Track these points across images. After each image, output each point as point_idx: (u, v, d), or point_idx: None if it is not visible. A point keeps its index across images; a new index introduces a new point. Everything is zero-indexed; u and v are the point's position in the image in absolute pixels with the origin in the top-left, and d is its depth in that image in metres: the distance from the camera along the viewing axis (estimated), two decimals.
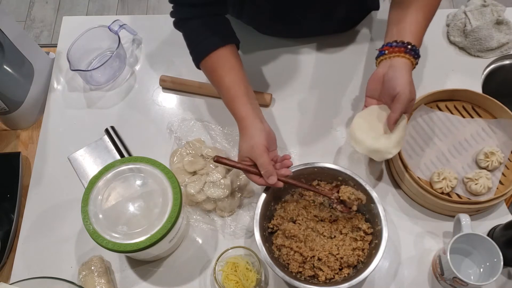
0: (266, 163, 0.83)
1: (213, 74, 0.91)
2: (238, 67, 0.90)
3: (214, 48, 0.90)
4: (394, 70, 0.84)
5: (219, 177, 0.93)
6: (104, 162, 0.99)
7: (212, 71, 0.91)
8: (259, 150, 0.83)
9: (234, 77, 0.89)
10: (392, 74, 0.84)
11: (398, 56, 0.85)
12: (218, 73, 0.90)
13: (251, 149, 0.84)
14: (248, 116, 0.86)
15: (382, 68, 0.86)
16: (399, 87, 0.82)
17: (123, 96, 1.10)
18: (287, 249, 0.85)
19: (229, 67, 0.90)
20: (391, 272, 0.89)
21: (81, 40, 1.09)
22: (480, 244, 0.83)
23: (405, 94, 0.82)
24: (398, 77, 0.83)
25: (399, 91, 0.82)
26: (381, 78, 0.86)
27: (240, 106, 0.87)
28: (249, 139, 0.84)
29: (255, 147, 0.83)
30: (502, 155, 0.93)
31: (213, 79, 0.93)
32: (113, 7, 2.49)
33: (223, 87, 0.90)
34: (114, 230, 0.79)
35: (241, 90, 0.88)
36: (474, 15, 1.09)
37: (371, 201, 0.86)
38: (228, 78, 0.89)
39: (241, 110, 0.87)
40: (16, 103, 1.05)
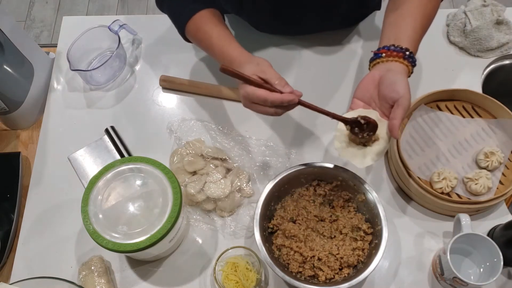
0: (276, 74, 0.79)
1: (198, 33, 0.92)
2: (222, 24, 0.92)
3: (195, 12, 0.91)
4: (394, 74, 0.81)
5: (219, 177, 0.93)
6: (104, 162, 0.99)
7: (196, 31, 0.92)
8: (266, 64, 0.82)
9: (220, 31, 0.90)
10: (392, 77, 0.80)
11: (397, 61, 0.82)
12: (203, 31, 0.91)
13: (257, 66, 0.81)
14: (243, 53, 0.86)
15: (378, 71, 0.83)
16: (402, 91, 0.78)
17: (123, 96, 1.10)
18: (287, 249, 0.85)
19: (213, 24, 0.91)
20: (391, 272, 0.89)
21: (81, 40, 1.09)
22: (480, 244, 0.83)
23: (407, 99, 0.78)
24: (400, 82, 0.79)
25: (402, 96, 0.78)
26: (376, 81, 0.82)
27: (233, 49, 0.87)
28: (252, 61, 0.83)
29: (261, 63, 0.81)
30: (502, 155, 0.93)
31: (199, 39, 0.93)
32: (113, 7, 2.49)
33: (212, 42, 0.89)
34: (114, 230, 0.79)
35: (231, 38, 0.89)
36: (474, 15, 1.09)
37: (371, 201, 0.86)
38: (214, 32, 0.90)
39: (235, 51, 0.86)
40: (16, 103, 1.05)
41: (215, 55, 0.91)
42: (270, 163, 0.99)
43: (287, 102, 0.78)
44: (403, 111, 0.77)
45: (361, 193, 0.88)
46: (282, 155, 1.00)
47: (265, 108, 0.80)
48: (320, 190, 0.91)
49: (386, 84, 0.80)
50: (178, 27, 0.96)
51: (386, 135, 0.81)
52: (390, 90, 0.79)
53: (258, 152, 1.00)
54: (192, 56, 1.14)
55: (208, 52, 0.93)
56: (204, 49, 0.95)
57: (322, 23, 1.09)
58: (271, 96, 0.77)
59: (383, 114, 0.82)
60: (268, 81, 0.79)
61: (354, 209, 0.90)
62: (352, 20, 1.14)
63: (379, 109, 0.83)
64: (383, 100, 0.81)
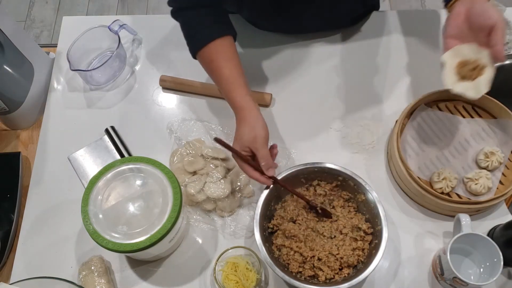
0: (267, 155, 0.84)
1: (211, 64, 0.92)
2: (236, 58, 0.91)
3: (211, 39, 0.90)
4: (481, 3, 0.81)
5: (219, 177, 0.93)
6: (104, 162, 0.99)
7: (209, 62, 0.92)
8: (262, 141, 0.84)
9: (232, 68, 0.90)
10: (481, 7, 0.80)
11: None
12: (216, 64, 0.90)
13: (253, 139, 0.84)
14: (249, 107, 0.87)
15: (463, 6, 0.83)
16: (495, 16, 0.78)
17: (123, 96, 1.10)
18: (287, 249, 0.85)
19: (227, 58, 0.90)
20: (391, 272, 0.89)
21: (81, 40, 1.09)
22: (480, 244, 0.83)
23: (502, 22, 0.78)
24: (489, 9, 0.79)
25: (497, 20, 0.78)
26: (463, 16, 0.82)
27: (240, 96, 0.88)
28: (251, 130, 0.85)
29: (258, 138, 0.84)
30: (502, 155, 0.93)
31: (210, 69, 0.93)
32: (113, 7, 2.49)
33: (222, 78, 0.90)
34: (114, 230, 0.79)
35: (240, 80, 0.89)
36: None
37: (371, 201, 0.86)
38: (226, 69, 0.90)
39: (242, 100, 0.88)
40: (16, 103, 1.05)
41: (221, 90, 0.92)
42: None
43: (262, 183, 0.86)
44: (502, 34, 0.79)
45: (361, 193, 0.88)
46: (282, 155, 1.00)
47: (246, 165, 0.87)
48: (320, 190, 0.91)
49: (477, 15, 0.81)
50: (191, 48, 0.94)
51: (490, 63, 0.82)
52: (484, 18, 0.80)
53: None
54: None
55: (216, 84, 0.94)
56: (212, 78, 0.95)
57: (323, 20, 1.09)
58: (252, 175, 0.86)
59: (480, 45, 0.82)
60: (257, 159, 0.85)
61: (354, 209, 0.90)
62: (352, 18, 1.14)
63: (474, 41, 0.83)
64: (478, 31, 0.82)
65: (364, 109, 1.05)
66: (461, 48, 0.83)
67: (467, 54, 0.83)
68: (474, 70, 0.82)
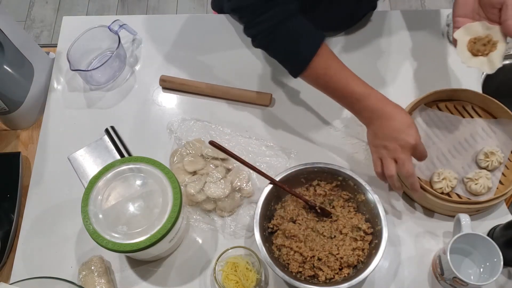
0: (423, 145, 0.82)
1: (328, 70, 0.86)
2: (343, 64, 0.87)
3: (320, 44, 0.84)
4: None
5: (219, 177, 0.93)
6: (104, 162, 0.99)
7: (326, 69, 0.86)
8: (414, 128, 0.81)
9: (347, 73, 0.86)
10: None
11: None
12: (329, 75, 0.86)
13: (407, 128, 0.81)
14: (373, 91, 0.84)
15: None
16: None
17: (123, 96, 1.10)
18: (287, 249, 0.85)
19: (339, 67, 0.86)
20: (391, 272, 0.89)
21: (81, 40, 1.09)
22: (480, 244, 0.83)
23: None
24: None
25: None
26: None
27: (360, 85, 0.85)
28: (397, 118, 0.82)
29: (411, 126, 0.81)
30: (502, 155, 0.93)
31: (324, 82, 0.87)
32: (113, 7, 2.49)
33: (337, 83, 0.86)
34: (114, 230, 0.79)
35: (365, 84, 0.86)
36: None
37: (371, 201, 0.86)
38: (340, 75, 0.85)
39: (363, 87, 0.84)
40: (16, 103, 1.05)
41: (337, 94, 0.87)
42: (270, 163, 0.99)
43: None
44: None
45: (361, 193, 0.88)
46: (282, 155, 1.00)
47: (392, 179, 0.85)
48: (320, 190, 0.91)
49: None
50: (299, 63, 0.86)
51: (502, 38, 0.82)
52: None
53: (258, 152, 1.01)
54: (192, 56, 1.14)
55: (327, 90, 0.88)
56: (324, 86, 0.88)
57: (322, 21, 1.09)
58: None
59: (491, 22, 0.82)
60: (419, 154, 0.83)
61: (354, 209, 0.90)
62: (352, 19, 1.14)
63: (485, 18, 0.83)
64: (489, 7, 0.81)
65: None
66: (472, 26, 0.84)
67: (479, 31, 0.83)
68: (486, 45, 0.83)
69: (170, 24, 1.20)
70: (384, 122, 0.83)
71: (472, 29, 0.84)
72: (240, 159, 0.88)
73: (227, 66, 1.12)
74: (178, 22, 1.20)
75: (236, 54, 1.13)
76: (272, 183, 0.87)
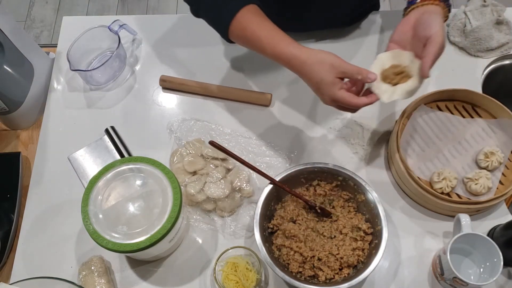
0: (354, 67, 0.80)
1: (245, 32, 0.86)
2: (268, 20, 0.87)
3: (238, 9, 0.85)
4: (429, 14, 0.81)
5: (219, 177, 0.93)
6: (104, 162, 0.99)
7: (243, 30, 0.86)
8: (339, 62, 0.80)
9: (268, 28, 0.85)
10: (426, 18, 0.81)
11: (432, 3, 0.83)
12: (250, 29, 0.85)
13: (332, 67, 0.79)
14: (301, 49, 0.81)
15: (414, 15, 0.83)
16: (434, 28, 0.79)
17: (123, 96, 1.10)
18: (287, 249, 0.85)
19: (260, 20, 0.86)
20: (391, 272, 0.89)
21: (81, 40, 1.09)
22: (480, 244, 0.83)
23: (440, 36, 0.78)
24: (433, 21, 0.80)
25: (434, 32, 0.78)
26: (412, 24, 0.83)
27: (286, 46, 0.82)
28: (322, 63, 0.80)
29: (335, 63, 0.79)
30: (502, 155, 0.93)
31: (246, 39, 0.87)
32: (113, 7, 2.49)
33: (261, 41, 0.85)
34: (114, 230, 0.79)
35: (280, 34, 0.84)
36: (474, 15, 1.09)
37: (371, 201, 0.86)
38: (263, 31, 0.84)
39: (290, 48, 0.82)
40: (16, 103, 1.05)
41: (266, 55, 0.86)
42: (270, 163, 0.99)
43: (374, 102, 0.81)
44: (435, 48, 0.78)
45: (361, 193, 0.88)
46: (282, 155, 1.00)
47: (346, 109, 0.84)
48: (320, 190, 0.91)
49: (421, 24, 0.81)
50: (220, 29, 0.88)
51: (417, 76, 0.81)
52: (424, 28, 0.80)
53: (258, 152, 1.01)
54: (192, 56, 1.14)
55: (259, 53, 0.88)
56: (253, 49, 0.89)
57: (322, 20, 1.09)
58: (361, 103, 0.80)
59: (417, 56, 0.82)
60: (351, 78, 0.81)
61: (354, 209, 0.90)
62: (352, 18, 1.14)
63: (414, 51, 0.83)
64: (417, 40, 0.82)
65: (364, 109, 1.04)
66: (399, 53, 0.83)
67: (403, 60, 0.83)
68: (398, 75, 0.82)
69: (170, 24, 1.20)
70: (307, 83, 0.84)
71: (398, 56, 0.83)
72: (240, 159, 0.88)
73: (227, 66, 1.12)
74: (178, 22, 1.20)
75: (236, 54, 1.13)
76: (272, 183, 0.87)
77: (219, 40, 1.16)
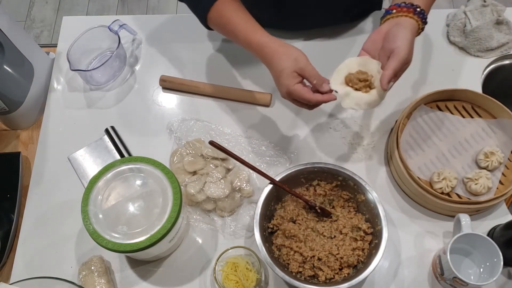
0: (315, 72, 0.82)
1: (222, 19, 0.90)
2: (245, 9, 0.90)
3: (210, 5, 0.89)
4: (398, 27, 0.81)
5: (219, 177, 0.93)
6: (104, 162, 0.99)
7: (219, 18, 0.90)
8: (304, 59, 0.82)
9: (244, 16, 0.89)
10: (395, 30, 0.81)
11: (406, 16, 0.83)
12: (226, 17, 0.89)
13: (295, 61, 0.82)
14: (271, 39, 0.86)
15: (387, 25, 0.84)
16: (399, 42, 0.79)
17: (123, 96, 1.10)
18: (287, 249, 0.85)
19: (236, 9, 0.90)
20: (391, 272, 0.89)
21: (81, 40, 1.09)
22: (480, 244, 0.83)
23: (403, 51, 0.78)
24: (401, 34, 0.80)
25: (397, 46, 0.79)
26: (383, 35, 0.83)
27: (260, 35, 0.86)
28: (288, 55, 0.83)
29: (299, 58, 0.82)
30: (502, 155, 0.93)
31: (222, 25, 0.91)
32: (113, 7, 2.49)
33: (236, 27, 0.89)
34: (114, 230, 0.79)
35: (253, 23, 0.88)
36: (474, 15, 1.09)
37: (371, 201, 0.86)
38: (238, 19, 0.89)
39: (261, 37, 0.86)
40: (16, 103, 1.05)
41: (240, 42, 0.90)
42: (270, 163, 0.99)
43: (326, 101, 0.82)
44: (396, 62, 0.78)
45: (361, 193, 0.88)
46: (282, 155, 1.00)
47: (302, 105, 0.85)
48: (320, 190, 0.91)
49: (389, 37, 0.82)
50: (199, 15, 0.93)
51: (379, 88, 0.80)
52: (391, 41, 0.81)
53: (258, 152, 1.01)
54: (192, 56, 1.14)
55: (233, 40, 0.92)
56: (228, 36, 0.93)
57: (322, 19, 1.09)
58: (314, 98, 0.81)
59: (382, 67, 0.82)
60: (307, 79, 0.83)
61: (354, 209, 0.90)
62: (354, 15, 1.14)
63: (381, 61, 0.83)
64: (384, 52, 0.82)
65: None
66: (368, 61, 0.83)
67: (370, 68, 0.83)
68: (361, 82, 0.82)
69: (170, 24, 1.20)
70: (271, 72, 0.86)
71: (366, 63, 0.83)
72: (240, 159, 0.88)
73: (227, 66, 1.12)
74: (178, 22, 1.20)
75: (236, 54, 1.13)
76: (272, 183, 0.87)
77: (219, 40, 1.16)
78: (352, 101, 0.81)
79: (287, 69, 0.82)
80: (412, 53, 0.82)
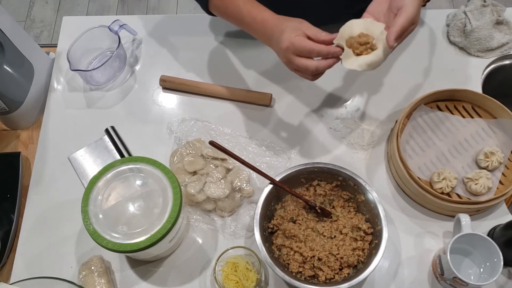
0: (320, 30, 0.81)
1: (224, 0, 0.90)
2: None
3: None
4: None
5: (219, 177, 0.93)
6: (104, 162, 0.99)
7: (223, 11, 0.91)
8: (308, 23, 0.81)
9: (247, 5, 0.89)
10: None
11: None
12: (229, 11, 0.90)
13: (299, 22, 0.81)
14: (277, 15, 0.85)
15: None
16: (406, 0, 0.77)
17: (123, 96, 1.10)
18: (287, 249, 0.85)
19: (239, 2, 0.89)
20: (391, 272, 0.89)
21: (81, 40, 1.09)
22: (480, 244, 0.83)
23: (411, 8, 0.76)
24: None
25: (405, 4, 0.77)
26: None
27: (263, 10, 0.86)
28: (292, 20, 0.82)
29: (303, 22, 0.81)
30: (502, 155, 0.93)
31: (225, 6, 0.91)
32: (113, 7, 2.49)
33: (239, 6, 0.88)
34: (114, 230, 0.79)
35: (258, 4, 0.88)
36: (474, 15, 1.09)
37: (371, 201, 0.86)
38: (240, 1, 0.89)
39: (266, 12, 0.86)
40: (16, 103, 1.05)
41: (243, 19, 0.89)
42: (270, 163, 0.99)
43: (332, 53, 0.79)
44: (404, 19, 0.76)
45: (361, 193, 0.88)
46: (282, 155, 1.00)
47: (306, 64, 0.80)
48: (320, 190, 0.91)
49: None
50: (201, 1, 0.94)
51: (383, 48, 0.79)
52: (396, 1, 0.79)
53: (258, 152, 1.01)
54: (192, 56, 1.14)
55: (236, 21, 0.91)
56: (230, 17, 0.93)
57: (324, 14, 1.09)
58: (318, 47, 0.78)
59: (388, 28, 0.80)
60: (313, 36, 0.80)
61: (354, 209, 0.90)
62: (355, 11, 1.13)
63: (386, 23, 0.81)
64: (390, 12, 0.81)
65: (364, 109, 1.05)
66: (371, 23, 0.81)
67: (373, 30, 0.80)
68: (362, 45, 0.80)
69: (170, 24, 1.20)
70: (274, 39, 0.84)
71: (369, 25, 0.81)
72: (240, 159, 0.88)
73: (227, 66, 1.12)
74: (178, 22, 1.20)
75: (236, 54, 1.13)
76: (272, 183, 0.87)
77: (219, 40, 1.16)
78: (354, 63, 0.79)
79: (290, 27, 0.81)
80: (419, 15, 0.80)
